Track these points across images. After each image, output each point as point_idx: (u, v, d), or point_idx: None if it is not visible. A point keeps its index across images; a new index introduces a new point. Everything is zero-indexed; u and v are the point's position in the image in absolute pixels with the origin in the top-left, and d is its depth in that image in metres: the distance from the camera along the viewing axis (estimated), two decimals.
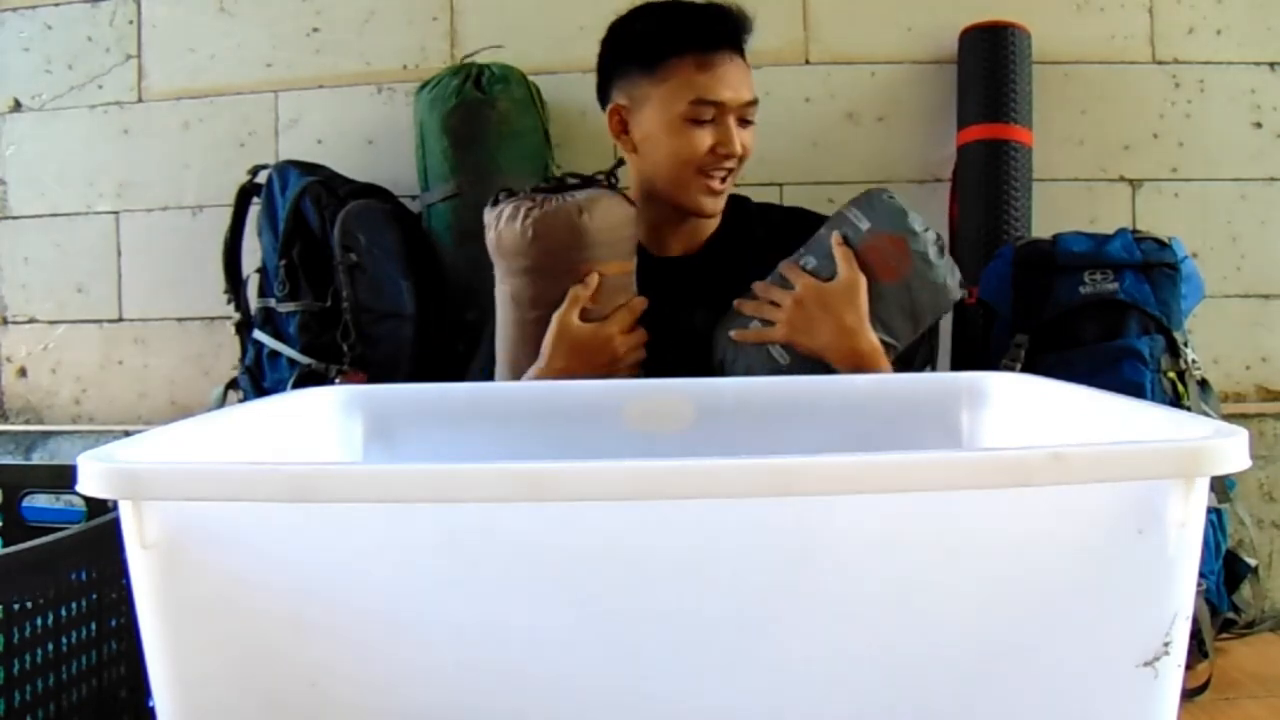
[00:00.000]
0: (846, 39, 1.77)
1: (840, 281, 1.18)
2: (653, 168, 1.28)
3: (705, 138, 1.24)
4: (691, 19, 1.26)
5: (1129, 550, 0.54)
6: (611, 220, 1.17)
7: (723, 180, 1.27)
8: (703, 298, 1.25)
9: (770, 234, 1.32)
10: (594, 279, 1.16)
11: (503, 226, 1.17)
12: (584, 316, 1.16)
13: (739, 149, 1.25)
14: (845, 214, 1.22)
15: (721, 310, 1.24)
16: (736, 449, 0.52)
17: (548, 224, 1.14)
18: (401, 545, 0.55)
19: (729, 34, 1.26)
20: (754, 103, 1.27)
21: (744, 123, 1.27)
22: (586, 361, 1.15)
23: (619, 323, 1.17)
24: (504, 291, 1.21)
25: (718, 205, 1.29)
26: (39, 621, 0.75)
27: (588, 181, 1.20)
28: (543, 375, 1.16)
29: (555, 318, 1.16)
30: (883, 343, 1.19)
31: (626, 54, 1.29)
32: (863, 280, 1.18)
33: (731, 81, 1.24)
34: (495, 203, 1.21)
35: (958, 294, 1.21)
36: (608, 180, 1.21)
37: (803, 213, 1.40)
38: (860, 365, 1.16)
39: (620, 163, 1.25)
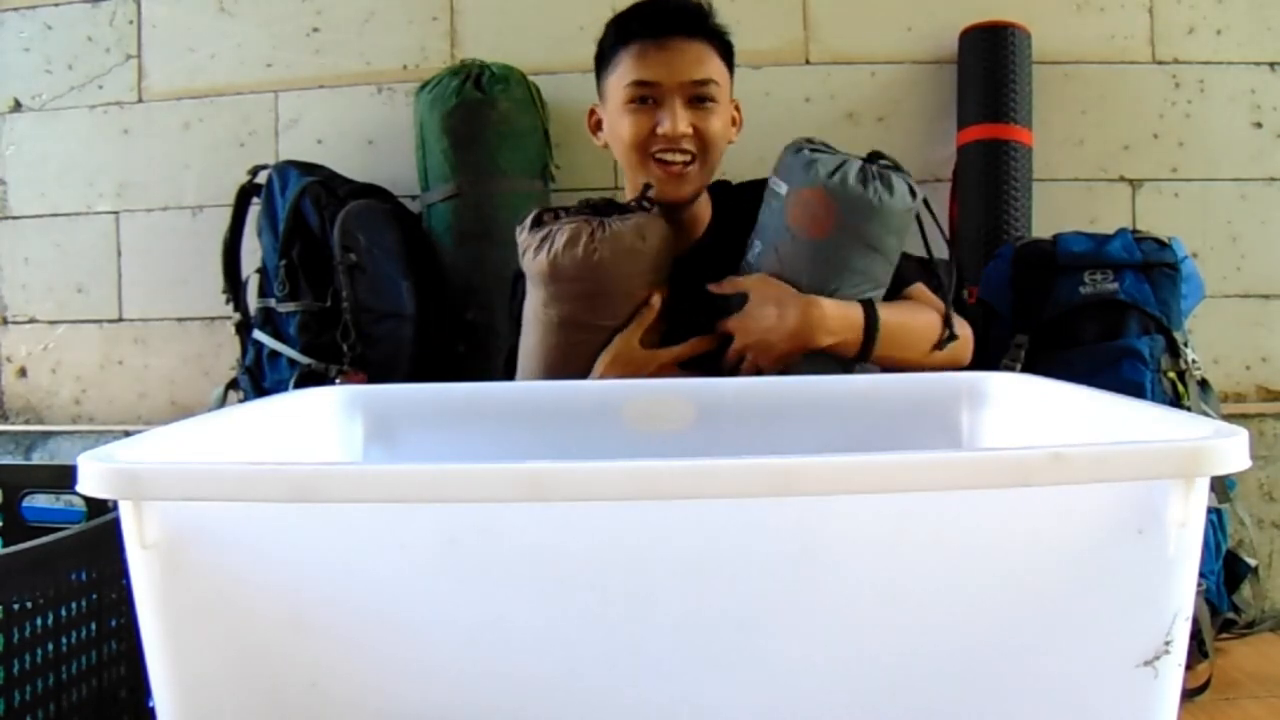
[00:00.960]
0: (846, 39, 1.77)
1: (746, 312, 1.17)
2: (618, 158, 1.30)
3: (645, 120, 1.24)
4: (637, 11, 1.28)
5: (1129, 550, 0.54)
6: (662, 244, 1.19)
7: (686, 165, 1.25)
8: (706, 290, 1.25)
9: (757, 207, 1.32)
10: (656, 300, 1.18)
11: (560, 252, 1.15)
12: (640, 341, 1.18)
13: (683, 128, 1.23)
14: (770, 183, 1.21)
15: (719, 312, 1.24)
16: (736, 449, 0.53)
17: (613, 248, 1.15)
18: (401, 545, 0.55)
19: (673, 20, 1.26)
20: (704, 82, 1.24)
21: (697, 102, 1.25)
22: (627, 370, 1.16)
23: (674, 354, 1.18)
24: (550, 316, 1.19)
25: (681, 190, 1.27)
26: (39, 621, 0.75)
27: (626, 207, 1.21)
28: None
29: (619, 338, 1.17)
30: (862, 291, 1.17)
31: (598, 58, 1.32)
32: (757, 288, 1.16)
33: (672, 63, 1.24)
34: (538, 225, 1.20)
35: (910, 201, 1.16)
36: (643, 204, 1.23)
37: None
38: (828, 329, 1.14)
39: (649, 186, 1.25)
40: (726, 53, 1.30)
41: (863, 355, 1.16)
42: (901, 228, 1.17)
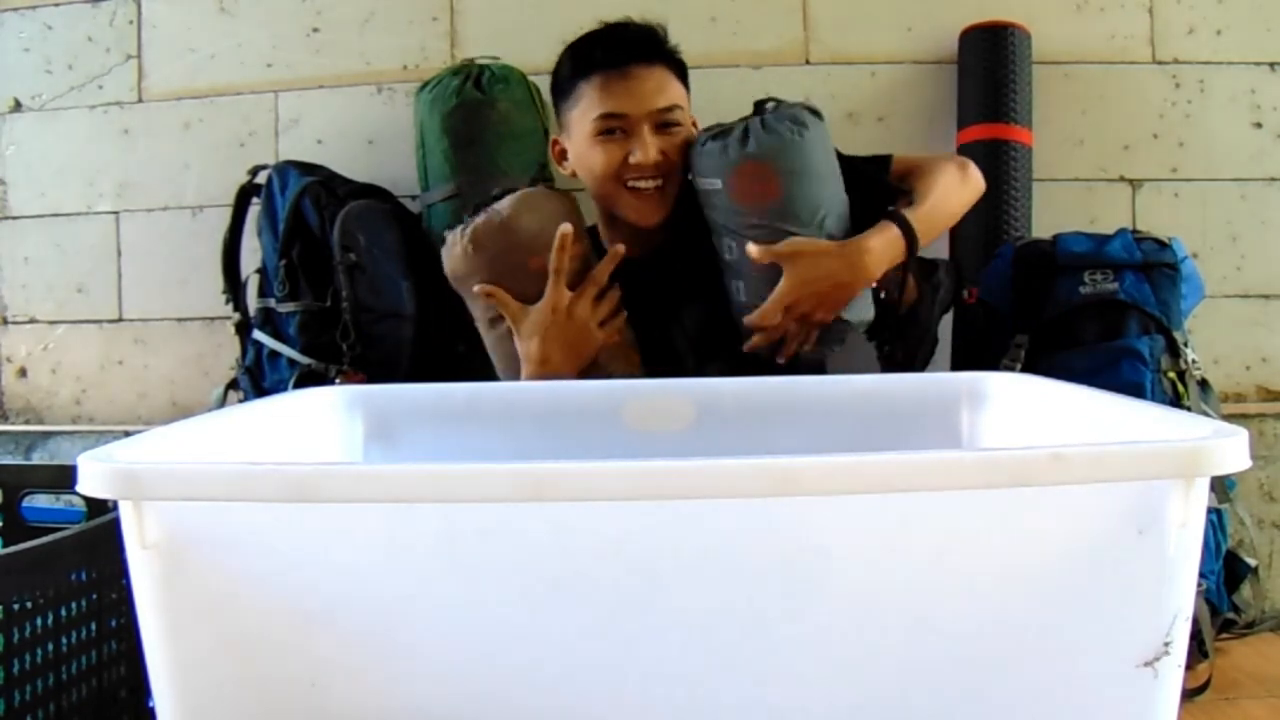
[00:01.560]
0: (846, 39, 1.76)
1: (793, 286, 1.18)
2: (588, 187, 1.33)
3: (617, 151, 1.28)
4: (594, 42, 1.31)
5: (1129, 550, 0.54)
6: (541, 212, 1.21)
7: (657, 189, 1.28)
8: (670, 288, 1.29)
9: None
10: (567, 227, 1.17)
11: (449, 256, 1.24)
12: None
13: (654, 156, 1.26)
14: (698, 186, 1.24)
15: (691, 297, 1.27)
16: (736, 449, 0.53)
17: (481, 234, 1.20)
18: (401, 545, 0.55)
19: (631, 49, 1.29)
20: (669, 109, 1.28)
21: (663, 128, 1.28)
22: (559, 336, 1.18)
23: (584, 297, 1.19)
24: (477, 319, 1.27)
25: (653, 217, 1.30)
26: (39, 621, 0.75)
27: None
28: (531, 367, 1.19)
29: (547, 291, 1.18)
30: (839, 210, 1.21)
31: (555, 89, 1.36)
32: (800, 258, 1.17)
33: (637, 92, 1.27)
34: (442, 243, 1.28)
35: (819, 120, 1.21)
36: (536, 180, 1.28)
37: None
38: (879, 262, 1.18)
39: (544, 166, 1.31)
40: (682, 73, 1.34)
41: (911, 254, 1.22)
42: (828, 146, 1.23)
